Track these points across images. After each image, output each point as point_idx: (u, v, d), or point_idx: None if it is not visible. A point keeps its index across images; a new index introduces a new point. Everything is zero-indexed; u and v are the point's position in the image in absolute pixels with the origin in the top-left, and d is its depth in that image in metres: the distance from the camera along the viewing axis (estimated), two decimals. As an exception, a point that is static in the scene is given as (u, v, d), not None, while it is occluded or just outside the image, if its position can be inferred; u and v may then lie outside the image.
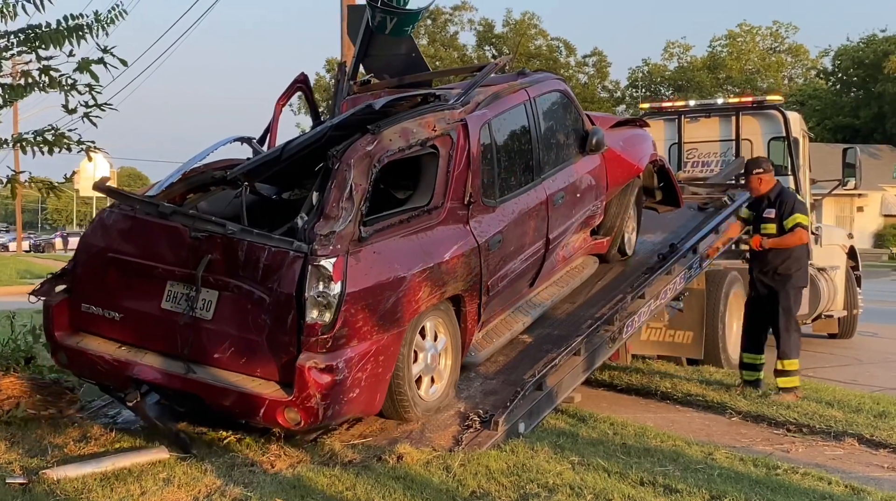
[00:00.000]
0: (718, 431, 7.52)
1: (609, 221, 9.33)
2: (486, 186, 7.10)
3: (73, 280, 6.47)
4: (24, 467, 5.48)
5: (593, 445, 6.49)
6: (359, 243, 5.88)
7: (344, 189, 5.92)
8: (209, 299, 5.95)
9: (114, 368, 6.15)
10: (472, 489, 5.28)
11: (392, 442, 6.17)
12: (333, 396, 5.66)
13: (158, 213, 6.18)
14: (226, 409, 5.94)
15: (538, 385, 6.92)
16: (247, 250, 5.82)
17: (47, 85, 7.31)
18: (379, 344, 5.93)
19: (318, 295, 5.60)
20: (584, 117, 8.82)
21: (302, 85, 7.93)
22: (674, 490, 5.33)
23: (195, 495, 5.08)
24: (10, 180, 7.31)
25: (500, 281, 7.23)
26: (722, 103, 13.40)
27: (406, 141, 6.45)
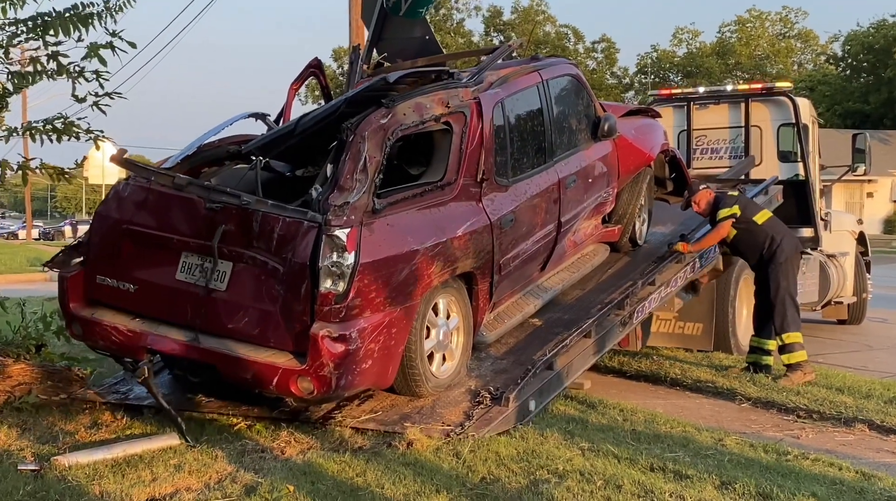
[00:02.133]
0: (728, 417, 7.52)
1: (620, 209, 9.34)
2: (498, 165, 7.13)
3: (89, 252, 6.51)
4: (35, 453, 5.50)
5: (603, 431, 6.50)
6: (372, 215, 5.94)
7: (358, 161, 5.97)
8: (223, 270, 6.01)
9: (129, 339, 6.21)
10: (482, 475, 5.29)
11: (403, 418, 6.23)
12: (346, 366, 5.73)
13: (174, 185, 6.20)
14: (240, 379, 6.00)
15: (549, 364, 6.96)
16: (261, 221, 5.87)
17: (55, 72, 7.31)
18: (392, 316, 5.97)
19: (331, 265, 5.65)
20: (596, 103, 8.83)
21: (315, 69, 7.98)
22: (684, 476, 5.33)
23: (206, 481, 5.09)
24: (20, 167, 7.31)
25: (512, 261, 7.26)
26: (731, 90, 13.32)
27: (420, 116, 6.49)
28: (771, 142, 12.46)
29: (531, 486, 5.10)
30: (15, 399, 6.48)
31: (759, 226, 9.08)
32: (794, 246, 9.15)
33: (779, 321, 8.85)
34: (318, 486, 4.98)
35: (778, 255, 8.94)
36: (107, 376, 7.88)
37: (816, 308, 13.43)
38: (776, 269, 8.93)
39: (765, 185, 11.27)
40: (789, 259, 8.99)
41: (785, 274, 8.94)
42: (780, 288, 8.87)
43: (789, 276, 8.98)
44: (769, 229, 9.08)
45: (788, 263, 8.98)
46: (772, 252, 8.97)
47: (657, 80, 69.68)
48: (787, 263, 8.97)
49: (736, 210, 9.06)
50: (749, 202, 9.50)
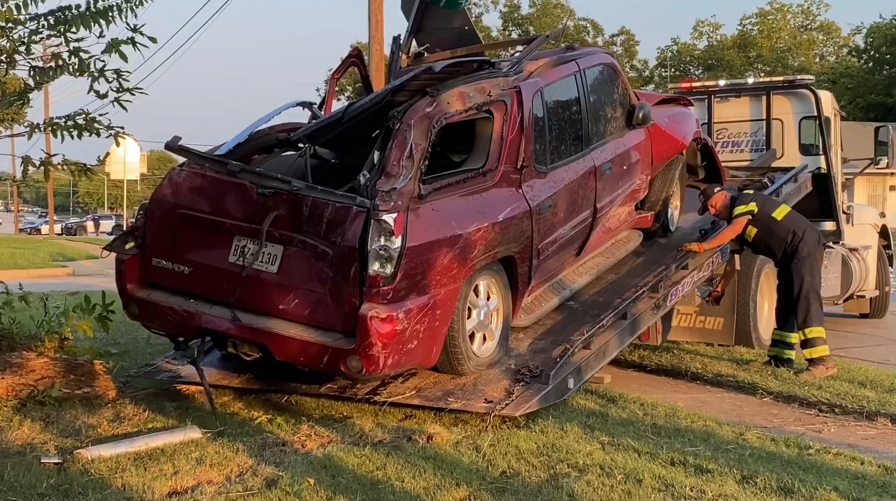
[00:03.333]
0: (749, 411, 7.48)
1: (653, 196, 9.49)
2: (537, 152, 7.28)
3: (144, 235, 6.74)
4: (58, 447, 5.53)
5: (623, 425, 6.49)
6: (418, 200, 6.13)
7: (405, 148, 6.16)
8: (274, 253, 6.23)
9: (183, 319, 6.46)
10: (502, 469, 5.30)
11: (446, 394, 6.46)
12: (394, 345, 5.92)
13: (227, 171, 6.43)
14: (291, 358, 6.19)
15: (586, 344, 7.15)
16: (311, 206, 6.09)
17: (77, 68, 7.34)
18: (436, 298, 6.16)
19: (379, 249, 5.85)
20: (630, 91, 8.97)
21: (355, 59, 8.17)
22: (705, 471, 5.32)
23: (227, 474, 5.11)
24: (43, 163, 7.35)
25: (550, 246, 7.43)
26: (753, 83, 13.25)
27: (463, 104, 6.66)
28: (793, 135, 12.38)
29: (551, 480, 5.10)
30: (38, 392, 6.52)
31: (779, 222, 9.02)
32: (817, 239, 9.08)
33: (801, 315, 8.80)
34: (338, 480, 5.00)
35: (800, 250, 8.88)
36: (129, 369, 7.94)
37: (839, 302, 13.35)
38: (799, 264, 8.87)
39: (794, 173, 11.24)
40: (812, 253, 8.93)
41: (809, 268, 8.88)
42: (803, 283, 8.82)
43: (813, 270, 8.93)
44: (789, 224, 9.01)
45: (811, 257, 8.92)
46: (794, 246, 8.91)
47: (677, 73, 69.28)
48: (810, 257, 8.91)
49: (753, 207, 9.01)
50: (767, 199, 9.44)
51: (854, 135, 17.12)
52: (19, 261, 25.78)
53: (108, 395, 6.77)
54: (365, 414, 6.69)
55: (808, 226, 9.10)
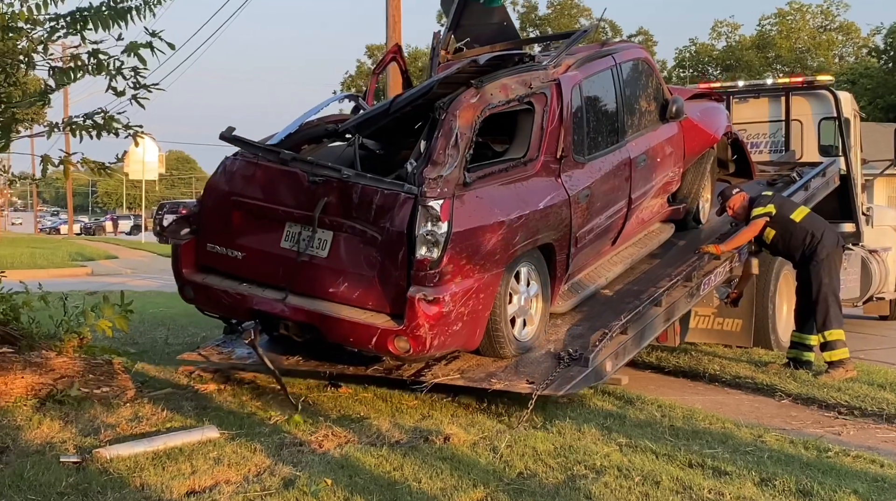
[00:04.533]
0: (768, 413, 7.45)
1: (686, 188, 9.66)
2: (576, 143, 7.50)
3: (199, 222, 7.03)
4: (77, 446, 5.55)
5: (641, 427, 6.47)
6: (463, 187, 6.36)
7: (450, 137, 6.39)
8: (325, 238, 6.49)
9: (237, 302, 6.77)
10: (519, 470, 5.29)
11: (489, 376, 6.68)
12: (440, 327, 6.17)
13: (279, 160, 6.71)
14: (341, 339, 6.48)
15: (623, 329, 7.32)
16: (360, 193, 6.35)
17: (95, 68, 7.36)
18: (480, 282, 6.39)
19: (426, 234, 6.10)
20: (664, 86, 9.15)
21: (395, 55, 8.52)
22: (723, 473, 5.29)
23: (245, 474, 5.12)
24: (62, 161, 7.39)
25: (587, 235, 7.63)
26: (771, 83, 13.21)
27: (506, 96, 6.87)
28: (812, 137, 12.33)
29: (568, 482, 5.08)
30: (57, 391, 6.55)
31: (797, 224, 8.97)
32: (835, 241, 9.02)
33: (821, 318, 8.75)
34: (355, 480, 5.00)
35: (819, 252, 8.83)
36: (150, 371, 7.97)
37: (858, 304, 13.27)
38: (818, 266, 8.82)
39: (822, 167, 11.23)
40: (830, 254, 8.87)
41: (827, 270, 8.83)
42: (822, 285, 8.77)
43: (832, 272, 8.87)
44: (808, 226, 8.96)
45: (830, 259, 8.87)
46: (812, 248, 8.86)
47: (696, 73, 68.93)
48: (829, 259, 8.86)
49: (771, 209, 8.96)
50: (785, 200, 9.40)
51: (874, 136, 17.02)
52: (39, 261, 25.93)
53: (127, 395, 6.80)
54: (382, 414, 6.70)
55: (826, 228, 9.04)
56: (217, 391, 7.32)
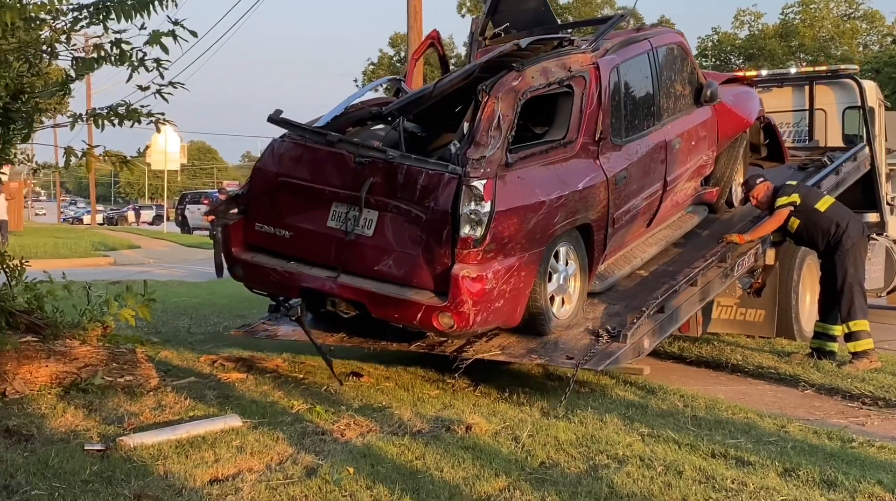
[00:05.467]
0: (791, 404, 7.41)
1: (719, 172, 9.77)
2: (614, 125, 7.64)
3: (248, 202, 7.23)
4: (101, 434, 5.58)
5: (663, 417, 6.45)
6: (505, 168, 6.53)
7: (493, 119, 6.54)
8: (370, 218, 6.68)
9: (285, 279, 7.01)
10: (541, 459, 5.29)
11: (529, 351, 6.88)
12: (483, 304, 6.39)
13: (326, 141, 6.90)
14: (386, 315, 6.70)
15: (660, 308, 7.51)
16: (406, 173, 6.53)
17: (118, 58, 7.38)
18: (521, 261, 6.60)
19: (470, 213, 6.28)
20: (699, 70, 9.23)
21: (434, 41, 8.62)
22: (746, 463, 5.27)
23: (268, 462, 5.14)
24: (84, 153, 7.42)
25: (624, 216, 7.79)
26: (795, 72, 13.12)
27: (546, 79, 7.02)
28: (836, 126, 12.22)
29: (590, 471, 5.07)
30: (81, 380, 6.59)
31: (822, 214, 8.90)
32: (860, 231, 8.94)
33: (845, 308, 8.69)
34: (377, 469, 5.00)
35: (844, 242, 8.76)
36: (173, 359, 8.01)
37: (882, 294, 13.17)
38: (843, 256, 8.76)
39: (853, 152, 11.18)
40: (856, 244, 8.80)
41: (852, 260, 8.76)
42: (847, 275, 8.71)
43: (856, 263, 8.81)
44: (833, 216, 8.89)
45: (855, 249, 8.80)
46: (837, 238, 8.79)
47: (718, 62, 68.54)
48: (854, 249, 8.79)
49: (795, 198, 8.90)
50: (809, 190, 9.33)
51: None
52: (62, 251, 26.10)
53: (150, 383, 6.84)
54: (403, 404, 6.70)
55: (851, 218, 8.97)
56: (239, 380, 7.34)
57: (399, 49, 61.42)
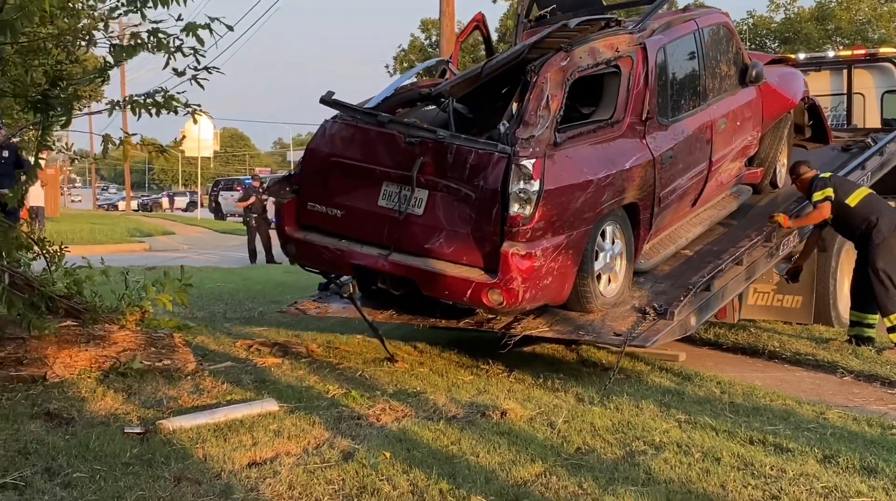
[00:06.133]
0: (829, 390, 7.35)
1: (763, 152, 9.79)
2: (660, 105, 7.70)
3: (300, 182, 7.41)
4: (141, 417, 5.63)
5: (700, 404, 6.42)
6: (554, 147, 6.61)
7: (541, 99, 6.63)
8: (420, 197, 6.83)
9: (337, 257, 7.18)
10: (577, 445, 5.28)
11: (577, 328, 7.01)
12: (531, 281, 6.50)
13: (377, 122, 7.05)
14: (437, 292, 6.85)
15: (707, 286, 7.58)
16: (455, 153, 6.65)
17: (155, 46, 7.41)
18: (569, 239, 6.70)
19: (519, 191, 6.39)
20: (744, 51, 9.22)
21: (479, 23, 8.67)
22: (785, 450, 5.23)
23: (304, 446, 5.16)
24: (122, 142, 7.47)
25: (670, 195, 7.84)
26: (833, 56, 12.95)
27: (594, 59, 7.10)
28: (874, 110, 12.08)
29: (627, 457, 5.06)
30: (120, 364, 6.65)
31: (853, 209, 8.84)
32: (891, 226, 8.82)
33: (881, 302, 8.62)
34: (413, 453, 5.02)
35: (874, 237, 8.67)
36: (209, 344, 8.07)
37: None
38: (873, 251, 8.68)
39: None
40: (886, 239, 8.71)
41: (882, 255, 8.68)
42: (877, 271, 8.64)
43: (887, 257, 8.71)
44: (862, 211, 8.81)
45: (885, 244, 8.71)
46: (867, 233, 8.72)
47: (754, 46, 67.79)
48: (884, 244, 8.70)
49: (829, 192, 8.84)
50: (842, 182, 9.23)
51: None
52: (98, 237, 26.35)
53: (188, 368, 6.89)
54: (438, 389, 6.71)
55: (883, 212, 8.84)
56: (275, 365, 7.38)
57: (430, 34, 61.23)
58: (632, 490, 4.44)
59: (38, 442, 4.97)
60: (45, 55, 6.82)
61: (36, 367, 6.36)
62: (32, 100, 6.67)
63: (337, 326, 9.25)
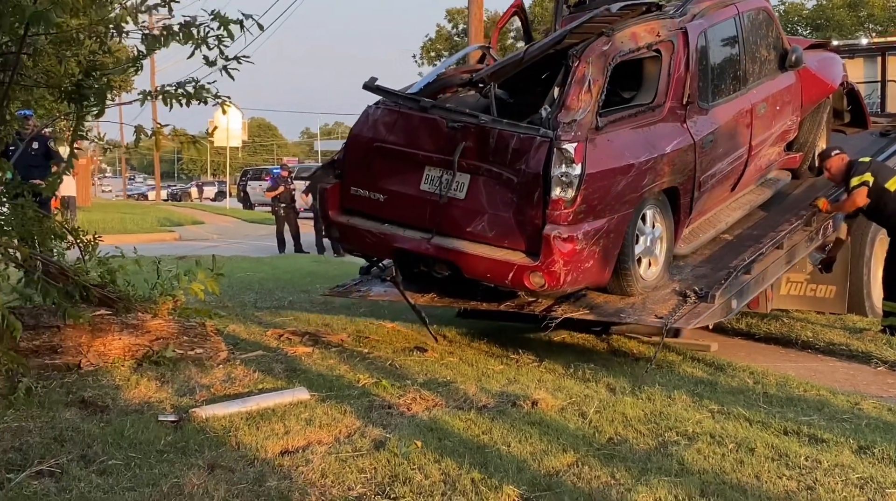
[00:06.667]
0: (864, 381, 7.28)
1: (802, 137, 9.78)
2: (700, 90, 7.74)
3: (343, 167, 7.54)
4: (174, 405, 5.66)
5: (733, 394, 6.38)
6: (595, 131, 6.69)
7: (583, 84, 6.70)
8: (462, 181, 6.93)
9: (380, 240, 7.34)
10: (608, 435, 5.26)
11: (618, 311, 7.09)
12: (573, 263, 6.59)
13: (419, 107, 7.16)
14: (479, 275, 6.98)
15: (747, 269, 7.66)
16: (497, 137, 6.75)
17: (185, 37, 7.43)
18: (611, 223, 6.78)
19: (561, 175, 6.47)
20: (783, 36, 9.24)
21: (517, 10, 8.74)
22: (819, 440, 5.19)
23: (336, 435, 5.18)
24: (154, 133, 7.51)
25: (710, 180, 7.89)
26: (867, 43, 12.81)
27: (635, 43, 7.15)
28: (909, 97, 11.91)
29: (660, 448, 5.04)
30: (153, 353, 6.69)
31: (892, 194, 8.73)
32: None
33: None
34: (444, 442, 5.01)
35: None
36: (241, 333, 8.11)
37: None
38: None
39: None
40: None
41: None
42: None
43: None
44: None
45: None
46: None
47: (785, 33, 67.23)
48: None
49: (867, 177, 8.75)
50: (881, 167, 9.14)
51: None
52: (129, 226, 26.57)
53: (220, 356, 6.93)
54: (468, 379, 6.70)
55: None
56: (306, 354, 7.41)
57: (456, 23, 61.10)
58: (665, 481, 4.42)
59: (73, 430, 5.01)
60: (78, 46, 6.85)
61: (71, 355, 6.41)
62: (66, 91, 6.70)
63: (367, 315, 9.27)
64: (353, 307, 9.67)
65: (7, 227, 6.67)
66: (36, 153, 13.00)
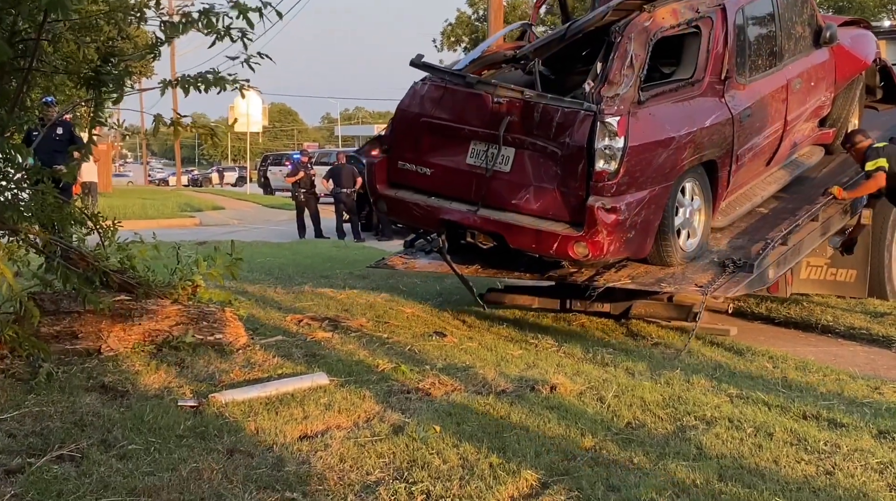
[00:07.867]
0: (884, 365, 7.25)
1: (835, 113, 9.94)
2: (738, 65, 7.92)
3: (391, 142, 7.84)
4: (194, 391, 5.68)
5: (752, 379, 6.36)
6: (637, 105, 6.90)
7: (625, 59, 6.90)
8: (507, 155, 7.18)
9: (427, 213, 7.62)
10: (627, 420, 5.25)
11: (658, 281, 7.34)
12: (616, 234, 6.83)
13: (465, 83, 7.41)
14: (524, 246, 7.22)
15: (784, 240, 7.91)
16: (542, 112, 6.97)
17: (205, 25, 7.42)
18: (652, 194, 6.99)
19: (604, 148, 6.68)
20: (818, 13, 9.33)
21: None
22: (839, 425, 5.17)
23: (355, 420, 5.19)
24: (173, 122, 7.52)
25: (747, 154, 8.07)
26: (889, 25, 12.68)
27: (675, 20, 7.34)
28: (934, 80, 11.75)
29: (678, 432, 5.03)
30: (173, 338, 6.72)
31: None
32: None
33: None
34: (463, 427, 5.02)
35: None
36: (260, 318, 8.13)
37: None
38: None
39: None
40: None
41: None
42: None
43: None
44: None
45: None
46: None
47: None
48: None
49: (882, 162, 8.69)
50: None
51: None
52: (149, 212, 26.67)
53: (239, 341, 6.95)
54: (487, 363, 6.71)
55: None
56: (325, 339, 7.42)
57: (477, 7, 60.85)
58: (683, 465, 4.42)
59: (93, 415, 5.05)
60: (97, 32, 6.87)
61: (91, 341, 6.45)
62: (85, 77, 6.72)
63: (387, 300, 9.28)
64: (372, 292, 9.68)
65: (27, 213, 6.70)
66: (60, 138, 13.04)
